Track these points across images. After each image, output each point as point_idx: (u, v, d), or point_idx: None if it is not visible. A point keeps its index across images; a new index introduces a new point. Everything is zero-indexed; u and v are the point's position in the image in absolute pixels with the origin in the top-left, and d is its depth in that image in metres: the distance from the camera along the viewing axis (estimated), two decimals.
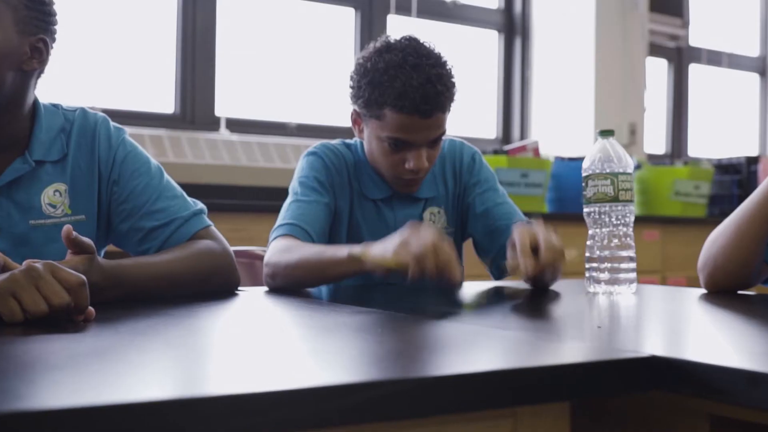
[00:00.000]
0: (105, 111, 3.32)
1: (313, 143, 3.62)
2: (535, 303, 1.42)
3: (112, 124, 1.47)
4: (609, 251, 1.44)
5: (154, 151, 3.18)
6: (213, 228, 1.47)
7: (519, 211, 1.74)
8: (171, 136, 3.29)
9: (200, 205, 1.48)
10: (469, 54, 4.31)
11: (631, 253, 1.45)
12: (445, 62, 1.59)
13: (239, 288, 1.47)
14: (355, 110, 1.66)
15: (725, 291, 1.50)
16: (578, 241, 3.40)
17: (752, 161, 4.21)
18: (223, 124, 3.48)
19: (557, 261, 1.42)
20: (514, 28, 4.43)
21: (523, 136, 4.40)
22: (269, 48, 3.73)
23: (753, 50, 5.42)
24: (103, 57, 3.38)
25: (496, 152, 3.43)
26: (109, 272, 1.20)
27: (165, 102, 3.49)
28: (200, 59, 3.50)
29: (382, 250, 1.37)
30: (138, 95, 3.45)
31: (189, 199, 1.48)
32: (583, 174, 1.48)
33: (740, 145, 5.35)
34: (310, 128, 3.75)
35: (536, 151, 3.47)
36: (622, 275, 1.43)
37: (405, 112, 1.54)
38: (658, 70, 4.90)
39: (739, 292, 1.50)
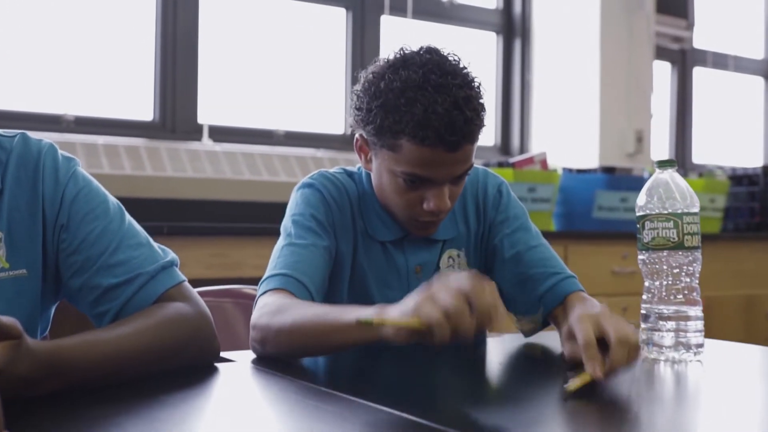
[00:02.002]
0: (77, 118, 3.08)
1: (302, 152, 3.43)
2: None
3: (61, 153, 1.18)
4: (672, 308, 1.19)
5: (131, 164, 2.92)
6: (186, 285, 1.19)
7: (556, 255, 1.46)
8: (149, 147, 3.03)
9: (170, 254, 1.20)
10: (466, 57, 4.08)
11: (698, 311, 1.20)
12: (473, 80, 1.32)
13: (221, 355, 1.20)
14: (361, 136, 1.38)
15: None
16: (589, 261, 3.23)
17: None
18: (205, 132, 3.22)
19: (633, 359, 1.08)
20: (513, 29, 4.23)
21: (523, 144, 4.19)
22: (255, 50, 3.49)
23: (758, 53, 5.23)
24: (75, 59, 3.11)
25: (501, 165, 3.19)
26: (44, 359, 0.92)
27: (143, 109, 3.23)
28: (181, 62, 3.24)
29: (401, 311, 1.06)
30: (114, 101, 3.19)
31: (156, 246, 1.20)
32: (638, 213, 1.23)
33: (746, 152, 5.18)
34: (299, 136, 3.51)
35: (544, 163, 3.23)
36: (689, 338, 1.18)
37: (427, 144, 1.26)
38: (661, 74, 4.71)
39: None
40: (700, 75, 4.92)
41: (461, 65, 1.32)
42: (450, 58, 1.32)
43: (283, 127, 3.47)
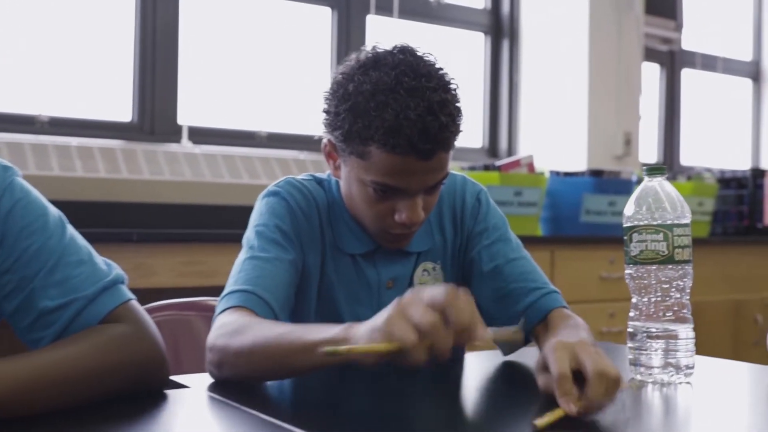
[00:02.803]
0: (52, 119, 2.99)
1: (285, 154, 3.36)
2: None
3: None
4: (661, 326, 1.12)
5: (105, 166, 2.83)
6: (131, 305, 1.08)
7: (538, 268, 1.38)
8: (125, 149, 2.94)
9: (116, 270, 1.10)
10: (453, 57, 4.04)
11: (689, 329, 1.13)
12: (450, 82, 1.22)
13: (175, 379, 1.11)
14: (330, 141, 1.29)
15: None
16: (576, 266, 3.17)
17: (758, 174, 3.94)
18: (185, 134, 3.14)
19: (611, 394, 0.97)
20: (501, 29, 4.16)
21: (511, 146, 4.13)
22: (238, 50, 3.41)
23: (746, 55, 5.19)
24: (50, 58, 3.02)
25: (487, 168, 3.12)
26: None
27: (121, 109, 3.14)
28: (161, 61, 3.16)
29: (370, 329, 0.95)
30: (91, 102, 3.10)
31: (101, 261, 1.09)
32: (625, 224, 1.16)
33: (735, 154, 5.14)
34: (282, 138, 3.43)
35: (531, 166, 3.17)
36: (679, 359, 1.11)
37: (397, 152, 1.18)
38: (650, 75, 4.66)
39: None
40: (688, 77, 4.88)
41: (437, 66, 1.23)
42: (425, 59, 1.22)
43: (265, 129, 3.40)
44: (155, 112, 3.15)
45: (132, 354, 1.03)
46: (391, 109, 1.16)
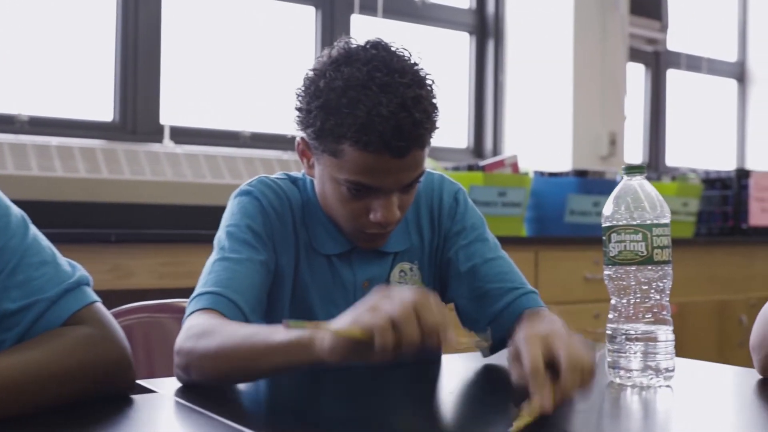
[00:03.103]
0: (32, 119, 2.95)
1: (269, 154, 3.33)
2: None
3: None
4: (640, 328, 1.10)
5: (86, 166, 2.80)
6: (96, 307, 1.06)
7: (516, 269, 1.35)
8: (105, 149, 2.91)
9: (79, 272, 1.07)
10: (438, 57, 4.02)
11: (669, 332, 1.11)
12: (425, 78, 1.19)
13: (142, 383, 1.08)
14: (303, 139, 1.27)
15: None
16: (561, 267, 3.16)
17: (743, 175, 3.94)
18: (167, 133, 3.11)
19: (586, 383, 0.96)
20: (486, 29, 4.15)
21: (496, 146, 4.11)
22: (222, 49, 3.39)
23: (731, 55, 5.20)
24: (31, 57, 2.99)
25: (470, 168, 3.10)
26: None
27: (103, 109, 3.11)
28: (143, 60, 3.13)
29: (340, 323, 0.95)
30: (73, 101, 3.07)
31: (65, 262, 1.07)
32: (604, 224, 1.14)
33: (720, 155, 5.15)
34: (266, 138, 3.40)
35: (515, 166, 3.15)
36: (658, 361, 1.09)
37: (370, 150, 1.15)
38: (635, 76, 4.66)
39: None
40: (673, 77, 4.88)
41: (411, 62, 1.20)
42: (398, 54, 1.20)
43: (249, 129, 3.37)
44: (137, 112, 3.12)
45: (96, 357, 1.00)
46: (363, 105, 1.14)
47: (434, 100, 1.20)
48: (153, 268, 2.28)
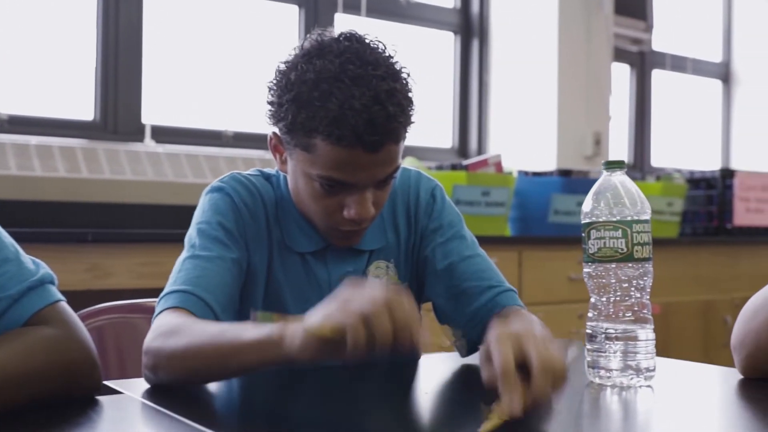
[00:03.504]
0: (11, 117, 2.91)
1: (251, 154, 3.30)
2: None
3: None
4: (620, 327, 1.08)
5: (65, 165, 2.76)
6: (60, 306, 1.03)
7: (494, 266, 1.33)
8: (85, 148, 2.87)
9: (43, 269, 1.04)
10: (423, 57, 4.00)
11: (649, 330, 1.09)
12: (400, 71, 1.17)
13: (109, 384, 1.05)
14: (275, 134, 1.24)
15: None
16: (545, 266, 3.14)
17: (727, 175, 3.94)
18: (148, 133, 3.08)
19: (557, 387, 0.94)
20: (471, 29, 4.13)
21: (481, 145, 4.10)
22: (204, 48, 3.35)
23: (715, 56, 5.21)
24: (9, 53, 2.95)
25: (454, 167, 3.08)
26: None
27: (84, 107, 3.07)
28: (124, 58, 3.10)
29: (311, 321, 0.93)
30: (53, 100, 3.03)
31: (28, 260, 1.04)
32: (583, 220, 1.12)
33: (704, 155, 5.15)
34: (249, 137, 3.37)
35: (499, 165, 3.13)
36: (639, 361, 1.07)
37: (343, 144, 1.12)
38: (620, 76, 4.65)
39: None
40: (658, 78, 4.87)
41: (385, 54, 1.17)
42: (372, 46, 1.17)
43: (232, 128, 3.34)
44: (119, 111, 3.08)
45: (59, 358, 0.98)
46: (336, 98, 1.11)
47: (409, 94, 1.17)
48: (132, 268, 2.25)
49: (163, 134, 3.15)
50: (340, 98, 1.11)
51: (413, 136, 1.23)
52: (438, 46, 4.09)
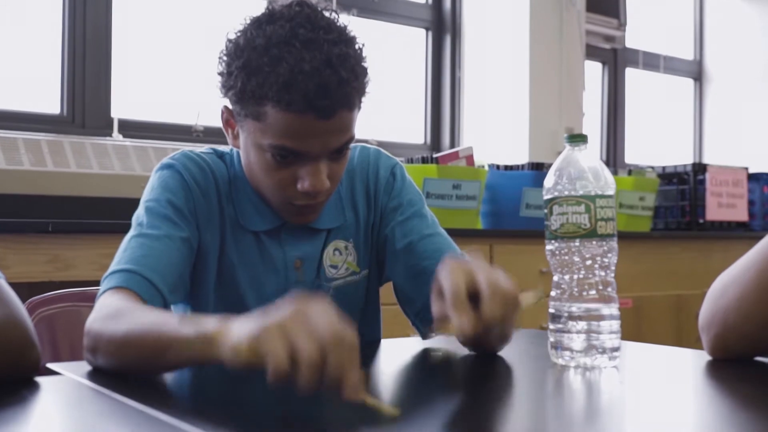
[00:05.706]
0: None
1: (222, 149, 3.26)
2: (473, 386, 1.01)
3: None
4: (584, 306, 1.05)
5: (30, 159, 2.71)
6: (1, 283, 1.00)
7: (454, 244, 1.30)
8: (51, 141, 2.82)
9: None
10: (395, 53, 3.98)
11: (614, 309, 1.06)
12: (353, 38, 1.14)
13: (50, 366, 1.01)
14: (225, 107, 1.21)
15: (739, 359, 1.11)
16: (516, 260, 3.12)
17: (699, 169, 3.94)
18: (116, 126, 3.03)
19: (508, 314, 0.94)
20: (443, 25, 4.12)
21: (453, 141, 4.08)
22: (174, 40, 3.31)
23: (687, 54, 5.23)
24: None
25: (424, 160, 3.05)
26: None
27: (49, 101, 3.01)
28: (92, 51, 3.05)
29: (238, 334, 0.81)
30: (18, 93, 2.97)
31: None
32: (545, 196, 1.10)
33: (678, 152, 5.17)
34: (219, 132, 3.30)
35: (470, 158, 3.11)
36: (603, 340, 1.05)
37: (293, 110, 1.08)
38: (592, 74, 4.66)
39: (758, 358, 1.13)
40: (631, 75, 4.88)
41: (339, 22, 1.15)
42: (324, 13, 1.15)
43: (202, 123, 3.30)
44: (86, 105, 3.04)
45: None
46: (286, 63, 1.08)
47: (363, 63, 1.15)
48: (94, 260, 2.20)
49: (131, 128, 3.10)
50: (290, 62, 1.08)
51: (386, 133, 1.20)
52: (410, 42, 4.07)
